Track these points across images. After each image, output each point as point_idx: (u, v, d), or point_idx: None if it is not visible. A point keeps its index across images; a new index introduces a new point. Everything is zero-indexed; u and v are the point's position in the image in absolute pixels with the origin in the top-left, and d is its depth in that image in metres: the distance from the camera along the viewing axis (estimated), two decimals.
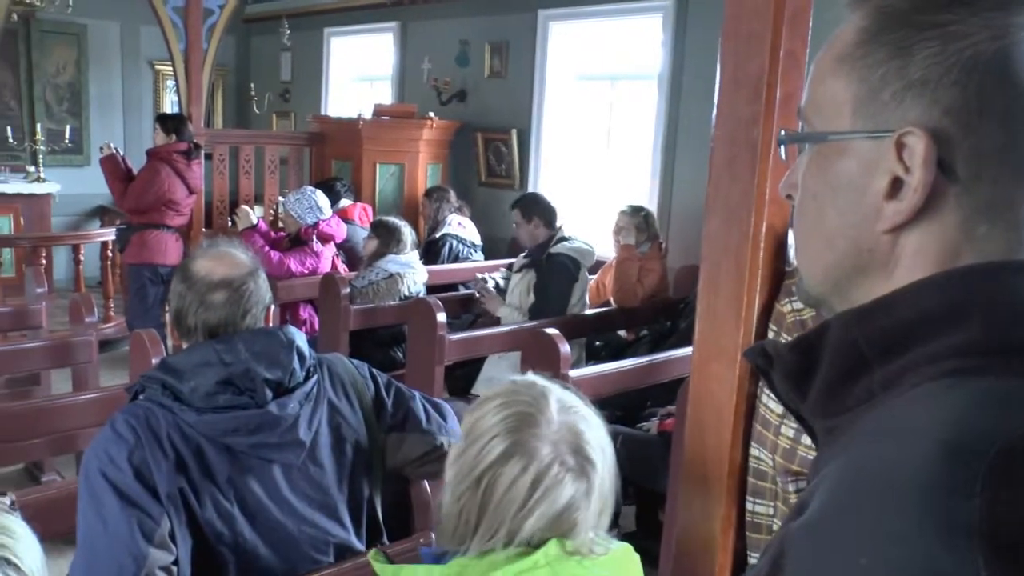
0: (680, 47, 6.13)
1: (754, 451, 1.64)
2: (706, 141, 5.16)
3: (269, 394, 1.82)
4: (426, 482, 2.26)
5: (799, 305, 1.59)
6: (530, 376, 1.45)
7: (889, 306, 0.74)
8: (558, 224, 5.00)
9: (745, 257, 1.58)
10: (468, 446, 1.35)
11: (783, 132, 0.93)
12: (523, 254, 5.10)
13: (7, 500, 1.16)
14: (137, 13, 8.71)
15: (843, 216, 0.78)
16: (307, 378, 1.92)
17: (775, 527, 1.66)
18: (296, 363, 1.88)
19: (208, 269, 1.90)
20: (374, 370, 2.14)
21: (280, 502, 1.86)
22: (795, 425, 1.59)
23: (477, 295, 5.22)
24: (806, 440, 1.55)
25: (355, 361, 2.12)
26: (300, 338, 1.94)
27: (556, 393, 1.39)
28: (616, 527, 1.49)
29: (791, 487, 1.60)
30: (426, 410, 2.12)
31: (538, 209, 4.99)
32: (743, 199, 1.58)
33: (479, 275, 5.42)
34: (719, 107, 1.65)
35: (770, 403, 1.61)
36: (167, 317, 1.94)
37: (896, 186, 0.74)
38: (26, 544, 1.09)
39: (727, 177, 1.62)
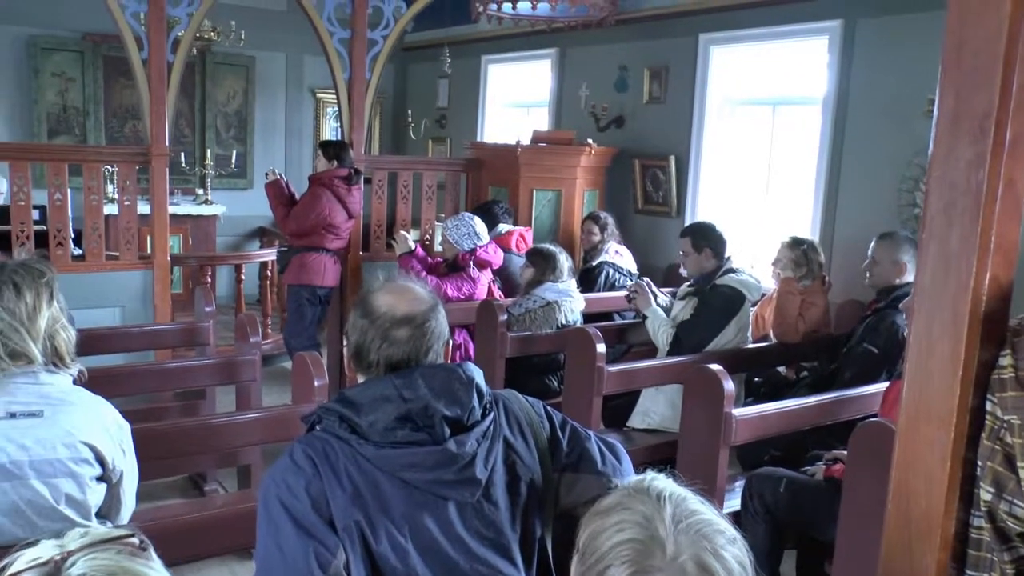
0: (846, 70, 5.91)
1: (974, 520, 1.50)
2: (873, 169, 4.96)
3: (447, 431, 1.81)
4: None
5: (1004, 361, 1.45)
6: (647, 480, 1.35)
7: None
8: (727, 255, 4.85)
9: (964, 311, 1.45)
10: (586, 570, 1.26)
11: None
12: (688, 283, 4.98)
13: (136, 540, 1.13)
14: (302, 44, 9.07)
15: None
16: (484, 415, 1.89)
17: None
18: (475, 400, 1.86)
19: (390, 305, 1.90)
20: (549, 408, 2.09)
21: (453, 539, 1.83)
22: (992, 489, 1.46)
23: (629, 294, 5.10)
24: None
25: (530, 399, 2.08)
26: (479, 375, 1.92)
27: (671, 508, 1.26)
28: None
29: (1006, 556, 1.47)
30: (601, 451, 2.06)
31: (710, 240, 4.82)
32: (963, 247, 1.45)
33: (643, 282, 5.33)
34: (936, 147, 1.52)
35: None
36: (345, 350, 1.93)
37: None
38: None
39: (944, 223, 1.49)
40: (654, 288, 5.14)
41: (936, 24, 5.18)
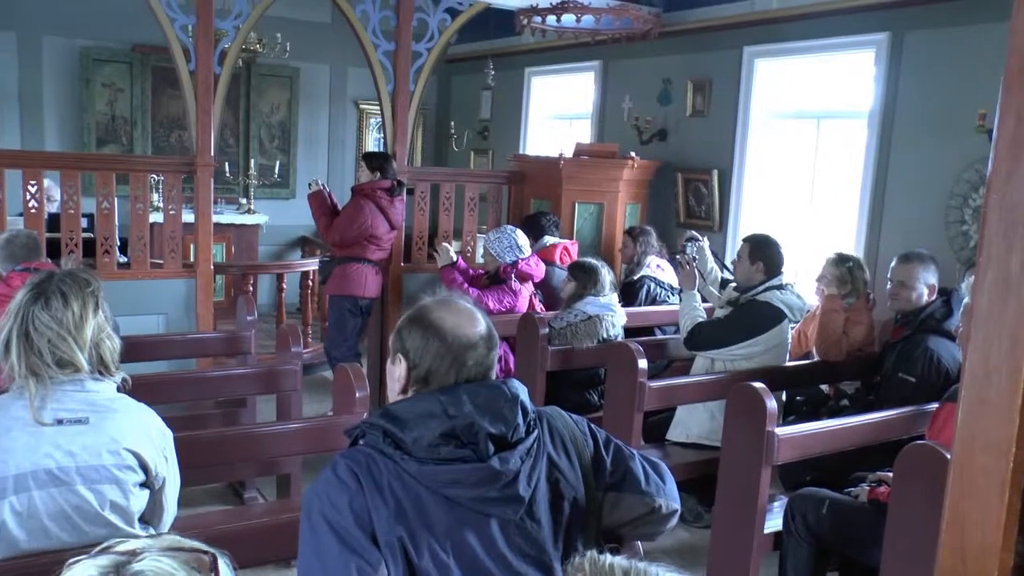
0: (893, 84, 5.85)
1: None
2: (920, 184, 4.89)
3: (491, 448, 1.79)
4: (639, 543, 2.18)
5: None
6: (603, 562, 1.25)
7: None
8: (779, 276, 4.76)
9: (1023, 337, 1.40)
10: None
11: None
12: (734, 285, 4.95)
13: (207, 558, 1.16)
14: (346, 56, 9.15)
15: None
16: (528, 432, 1.88)
17: None
18: (519, 418, 1.85)
19: (461, 326, 1.89)
20: (593, 426, 2.08)
21: (496, 557, 1.82)
22: None
23: (678, 256, 5.07)
24: None
25: (574, 416, 2.07)
26: (523, 392, 1.91)
27: None
28: None
29: None
30: (645, 470, 2.04)
31: (767, 256, 4.74)
32: (1023, 271, 1.40)
33: (698, 239, 5.30)
34: (995, 167, 1.48)
35: None
36: (403, 373, 1.90)
37: None
38: None
39: (1003, 247, 1.45)
40: (708, 254, 5.09)
41: (986, 37, 5.11)
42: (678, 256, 5.11)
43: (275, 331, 6.05)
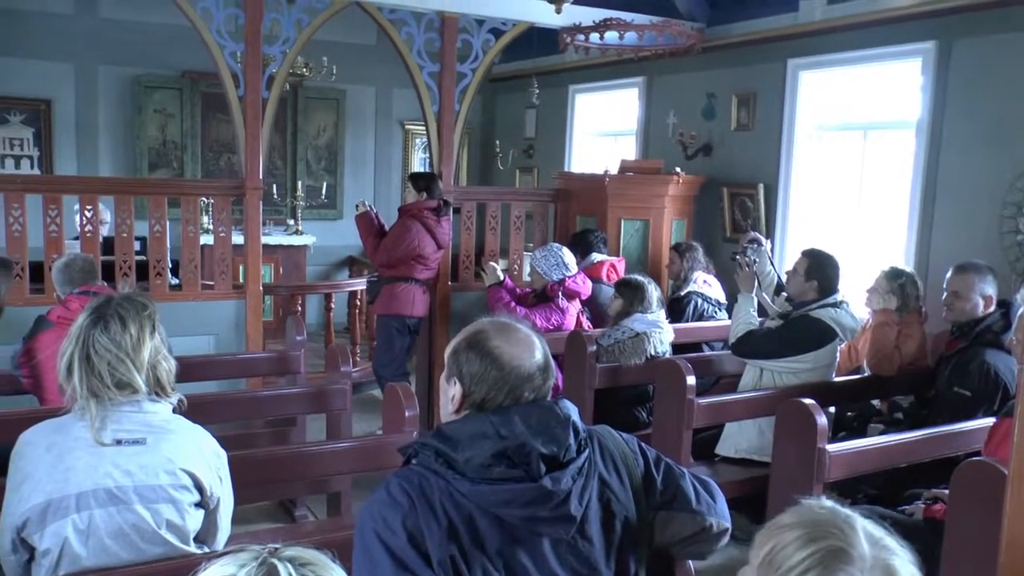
0: (941, 93, 5.77)
1: None
2: (971, 194, 4.81)
3: (543, 468, 1.80)
4: (691, 562, 2.17)
5: None
6: (826, 501, 1.37)
7: None
8: (833, 294, 4.71)
9: None
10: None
11: None
12: (786, 296, 4.91)
13: (329, 554, 1.31)
14: (391, 78, 9.25)
15: None
16: (579, 452, 1.89)
17: None
18: (571, 438, 1.86)
19: (521, 358, 1.91)
20: (644, 445, 2.08)
21: None
22: None
23: (738, 257, 5.03)
24: None
25: (624, 435, 2.08)
26: (575, 412, 1.93)
27: (862, 524, 1.30)
28: None
29: None
30: (695, 489, 2.04)
31: (824, 276, 4.70)
32: None
33: (760, 242, 5.25)
34: None
35: None
36: (458, 396, 1.93)
37: None
38: None
39: None
40: (770, 254, 5.03)
41: None
42: (737, 257, 5.06)
43: (324, 350, 6.09)
